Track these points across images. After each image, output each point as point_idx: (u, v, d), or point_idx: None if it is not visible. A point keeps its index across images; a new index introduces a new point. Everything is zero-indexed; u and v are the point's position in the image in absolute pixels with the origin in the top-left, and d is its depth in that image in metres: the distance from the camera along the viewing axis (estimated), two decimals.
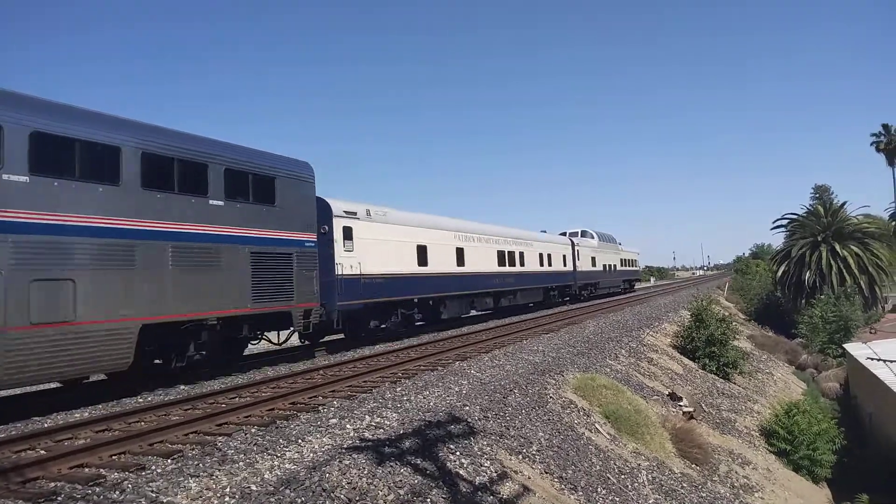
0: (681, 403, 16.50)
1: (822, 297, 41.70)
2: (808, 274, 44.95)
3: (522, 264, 32.57)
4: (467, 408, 10.34)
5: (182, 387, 13.06)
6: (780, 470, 16.66)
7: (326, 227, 17.70)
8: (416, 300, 21.92)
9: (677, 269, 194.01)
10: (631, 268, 59.96)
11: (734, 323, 26.42)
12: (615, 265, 52.72)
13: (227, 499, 6.08)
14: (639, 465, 11.24)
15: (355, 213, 19.16)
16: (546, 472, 9.22)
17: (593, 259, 45.95)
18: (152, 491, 6.26)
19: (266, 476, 6.74)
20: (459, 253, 25.71)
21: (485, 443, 9.09)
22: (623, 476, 10.45)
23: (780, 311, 49.54)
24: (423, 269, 22.57)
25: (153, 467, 7.07)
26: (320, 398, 10.88)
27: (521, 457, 9.26)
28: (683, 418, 15.38)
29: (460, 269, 25.52)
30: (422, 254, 22.75)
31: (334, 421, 9.15)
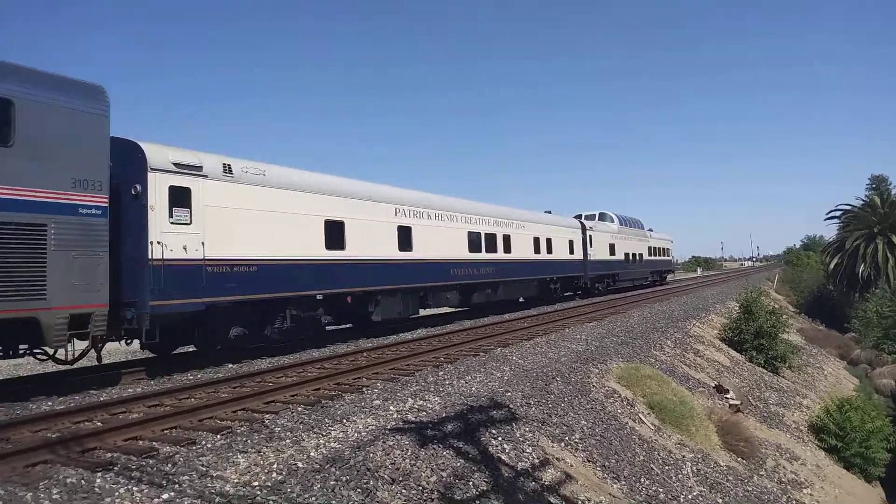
0: (727, 396, 16.18)
1: (878, 291, 40.34)
2: (862, 267, 43.57)
3: (508, 250, 25.98)
4: (509, 394, 10.33)
5: (230, 365, 13.39)
6: (831, 467, 16.23)
7: (139, 187, 11.96)
8: (319, 296, 15.85)
9: (725, 260, 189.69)
10: (661, 257, 50.92)
11: (784, 316, 25.74)
12: (641, 254, 44.65)
13: (274, 475, 6.22)
14: (683, 456, 11.08)
15: (198, 168, 12.94)
16: (588, 461, 9.17)
17: (612, 246, 38.70)
18: (202, 465, 6.44)
19: (312, 454, 6.87)
20: (404, 233, 19.52)
21: (527, 429, 9.07)
22: (667, 467, 10.32)
23: (832, 304, 48.18)
24: (336, 254, 16.42)
25: (203, 442, 7.27)
26: (364, 380, 11.01)
27: (563, 444, 9.22)
28: (730, 411, 15.09)
29: (404, 255, 19.36)
30: (335, 232, 16.50)
31: (378, 402, 9.26)
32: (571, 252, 33.01)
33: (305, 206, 15.60)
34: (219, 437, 7.48)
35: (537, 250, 28.91)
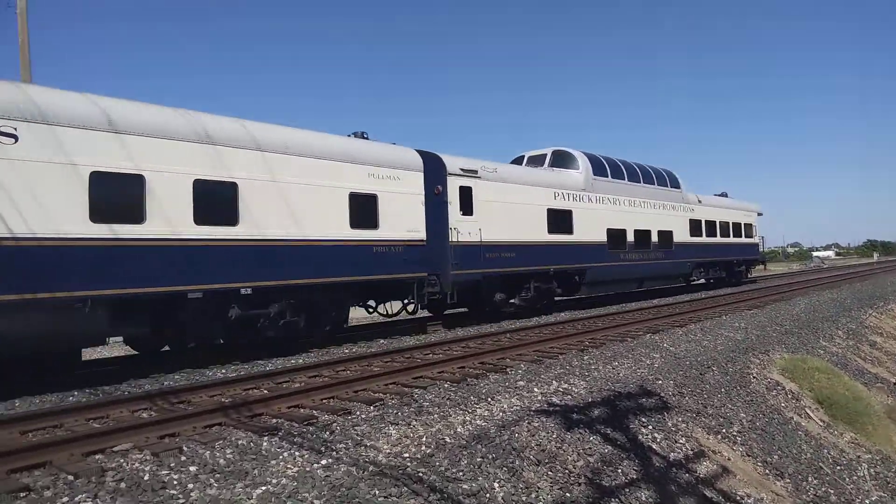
0: None
1: None
2: None
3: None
4: (660, 382, 9.92)
5: (382, 340, 14.00)
6: None
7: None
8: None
9: None
10: (735, 238, 31.62)
11: None
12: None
13: (423, 448, 6.40)
14: (858, 457, 10.08)
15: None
16: (748, 455, 8.61)
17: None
18: (357, 434, 6.77)
19: (459, 430, 7.00)
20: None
21: (679, 419, 8.68)
22: (839, 467, 9.44)
23: None
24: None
25: (358, 412, 7.64)
26: (508, 360, 11.05)
27: (719, 437, 8.72)
28: None
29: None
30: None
31: (522, 383, 9.25)
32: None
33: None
34: (372, 408, 7.83)
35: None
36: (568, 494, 6.18)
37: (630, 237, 22.91)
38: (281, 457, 6.08)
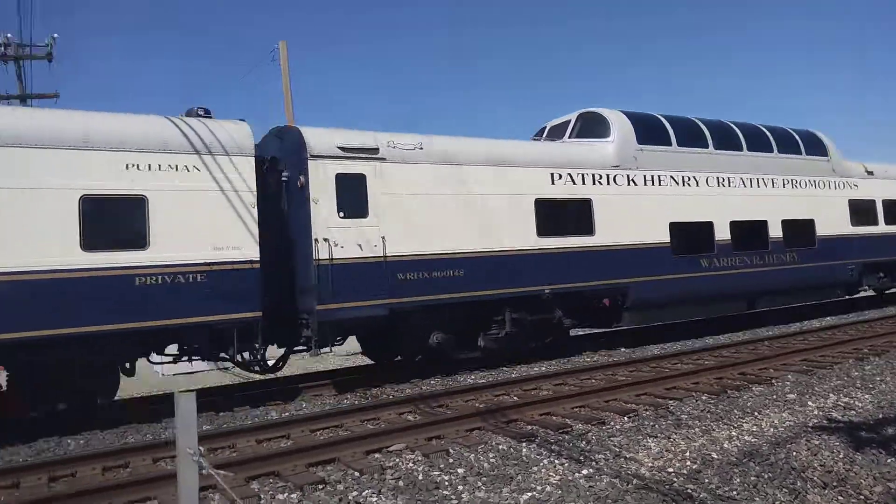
0: None
1: None
2: None
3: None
4: None
5: (622, 349, 13.64)
6: None
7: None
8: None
9: None
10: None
11: None
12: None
13: (688, 463, 6.09)
14: None
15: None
16: None
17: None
18: (615, 445, 6.65)
19: (725, 445, 6.54)
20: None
21: None
22: None
23: None
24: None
25: (612, 423, 7.50)
26: (771, 370, 10.10)
27: None
28: None
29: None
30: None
31: (792, 396, 8.40)
32: None
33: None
34: (626, 419, 7.64)
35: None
36: None
37: (722, 233, 14.85)
38: (541, 463, 6.18)
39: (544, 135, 15.30)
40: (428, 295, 11.01)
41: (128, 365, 9.53)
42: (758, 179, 15.89)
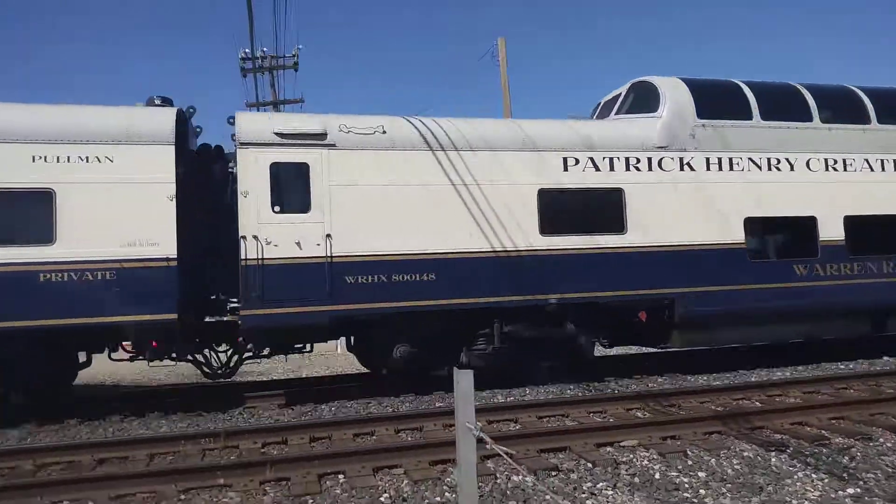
0: None
1: None
2: None
3: None
4: None
5: (886, 358, 11.94)
6: None
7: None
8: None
9: None
10: None
11: None
12: None
13: None
14: None
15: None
16: None
17: None
18: (887, 465, 5.83)
19: None
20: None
21: None
22: None
23: None
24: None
25: (880, 439, 6.59)
26: None
27: None
28: None
29: None
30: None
31: None
32: None
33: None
34: None
35: None
36: None
37: (830, 231, 11.25)
38: (795, 476, 5.62)
39: (596, 112, 12.86)
40: (386, 302, 9.52)
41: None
42: (883, 159, 11.78)
